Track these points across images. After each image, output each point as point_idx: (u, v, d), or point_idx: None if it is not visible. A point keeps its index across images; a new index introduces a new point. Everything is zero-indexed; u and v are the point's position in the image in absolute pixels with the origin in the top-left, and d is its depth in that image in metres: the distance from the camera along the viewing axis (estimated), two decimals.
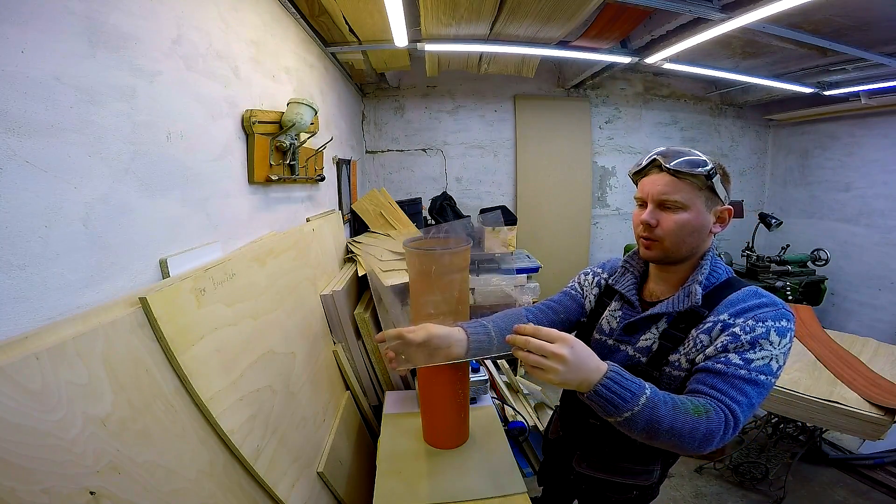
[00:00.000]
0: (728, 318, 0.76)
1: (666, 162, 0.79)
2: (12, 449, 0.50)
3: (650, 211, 0.82)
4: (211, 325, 0.91)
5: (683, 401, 0.68)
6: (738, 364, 0.70)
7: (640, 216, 0.84)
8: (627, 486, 0.95)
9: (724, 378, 0.70)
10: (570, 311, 1.05)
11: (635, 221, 0.86)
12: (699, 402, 0.68)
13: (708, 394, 0.70)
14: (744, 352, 0.71)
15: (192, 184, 0.99)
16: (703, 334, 0.78)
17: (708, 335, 0.77)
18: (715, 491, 2.06)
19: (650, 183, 0.82)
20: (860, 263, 3.31)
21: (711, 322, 0.77)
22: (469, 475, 1.14)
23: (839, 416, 1.60)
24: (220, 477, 0.86)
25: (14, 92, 0.57)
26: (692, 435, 0.66)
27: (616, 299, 0.96)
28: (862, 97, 2.95)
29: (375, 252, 1.93)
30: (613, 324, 0.93)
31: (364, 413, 1.75)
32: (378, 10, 1.72)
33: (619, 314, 0.93)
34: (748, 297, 0.78)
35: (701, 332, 0.78)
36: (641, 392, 0.67)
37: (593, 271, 1.07)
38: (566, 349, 0.66)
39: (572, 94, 3.65)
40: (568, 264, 3.68)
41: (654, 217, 0.81)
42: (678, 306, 0.82)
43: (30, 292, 0.60)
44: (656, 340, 0.84)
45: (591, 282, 1.05)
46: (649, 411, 0.66)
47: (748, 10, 1.67)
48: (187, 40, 0.96)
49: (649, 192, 0.82)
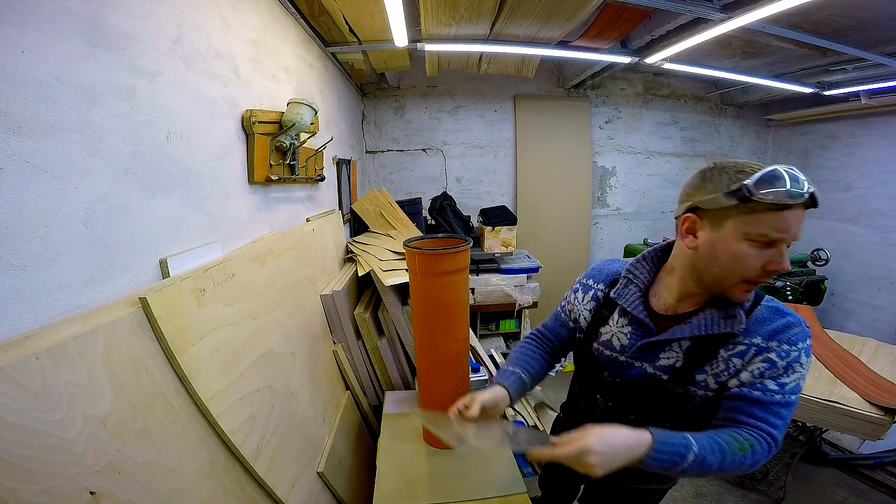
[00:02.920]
0: (762, 343, 0.73)
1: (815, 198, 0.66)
2: (12, 449, 0.50)
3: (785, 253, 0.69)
4: (211, 325, 0.91)
5: (728, 440, 0.70)
6: (774, 390, 0.72)
7: (762, 257, 0.68)
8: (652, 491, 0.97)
9: (763, 406, 0.72)
10: (563, 339, 1.03)
11: (751, 262, 0.69)
12: (742, 436, 0.70)
13: (747, 423, 0.72)
14: (779, 377, 0.72)
15: (192, 184, 0.99)
16: (735, 357, 0.74)
17: (741, 359, 0.74)
18: (715, 491, 2.06)
19: (796, 220, 0.67)
20: (860, 263, 3.31)
21: (744, 346, 0.74)
22: (469, 475, 1.14)
23: (839, 416, 1.60)
24: (220, 477, 0.87)
25: (14, 92, 0.57)
26: (740, 468, 0.70)
27: (621, 313, 0.88)
28: (862, 97, 2.95)
29: (376, 252, 1.93)
30: (624, 341, 0.86)
31: (364, 413, 1.75)
32: (378, 10, 1.72)
33: (629, 330, 0.85)
34: (774, 316, 0.74)
35: (733, 356, 0.74)
36: (689, 451, 0.68)
37: (584, 285, 0.98)
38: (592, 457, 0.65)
39: (572, 94, 3.65)
40: (568, 264, 3.69)
41: None
42: (711, 328, 0.75)
43: (30, 292, 0.60)
44: (680, 359, 0.79)
45: (583, 298, 0.97)
46: (698, 464, 0.68)
47: (748, 10, 1.67)
48: (187, 40, 0.96)
49: (795, 232, 0.67)
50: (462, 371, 1.25)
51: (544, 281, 3.20)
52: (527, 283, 2.94)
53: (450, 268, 1.12)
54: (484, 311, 2.99)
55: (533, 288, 2.93)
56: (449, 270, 1.12)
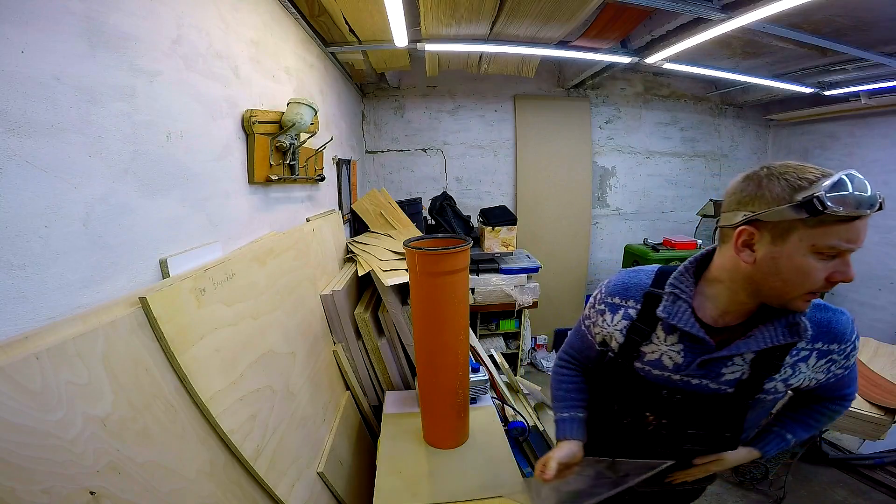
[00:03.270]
0: (823, 346, 0.76)
1: None
2: (12, 449, 0.50)
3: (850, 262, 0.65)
4: (211, 325, 0.91)
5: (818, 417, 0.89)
6: (841, 373, 0.81)
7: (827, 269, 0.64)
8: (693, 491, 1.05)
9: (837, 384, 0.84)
10: (592, 360, 0.99)
11: (817, 276, 0.64)
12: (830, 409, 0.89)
13: (830, 398, 0.87)
14: (844, 363, 0.80)
15: (192, 184, 0.99)
16: (801, 363, 0.77)
17: (806, 363, 0.77)
18: (715, 491, 2.06)
19: (865, 228, 0.62)
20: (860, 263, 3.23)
21: (807, 351, 0.76)
22: (469, 475, 1.14)
23: None
24: (220, 477, 0.87)
25: (14, 92, 0.57)
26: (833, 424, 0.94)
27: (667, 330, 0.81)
28: (862, 97, 2.95)
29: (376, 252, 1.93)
30: (678, 360, 0.80)
31: (364, 413, 1.75)
32: (378, 10, 1.72)
33: (681, 348, 0.79)
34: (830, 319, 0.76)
35: (799, 361, 0.77)
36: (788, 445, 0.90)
37: (610, 304, 0.89)
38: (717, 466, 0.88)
39: (572, 94, 3.65)
40: (568, 264, 3.69)
41: None
42: (778, 339, 0.72)
43: (30, 292, 0.60)
44: (746, 371, 0.76)
45: (613, 319, 0.88)
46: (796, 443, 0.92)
47: (748, 10, 1.67)
48: (187, 40, 0.96)
49: (863, 239, 0.63)
50: (462, 371, 1.25)
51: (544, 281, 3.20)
52: (527, 283, 2.94)
53: (450, 268, 1.12)
54: (484, 311, 2.99)
55: (533, 288, 2.93)
56: (449, 270, 1.12)
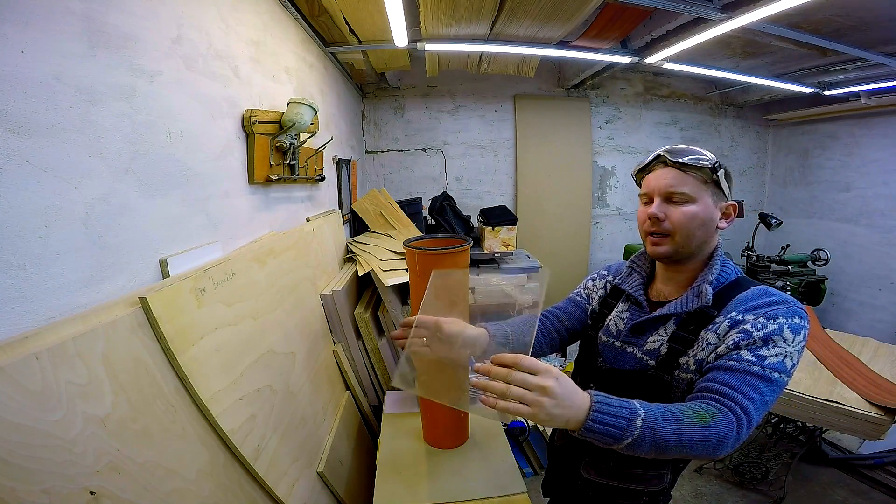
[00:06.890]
0: (737, 315, 0.73)
1: (671, 157, 0.82)
2: (12, 449, 0.50)
3: (658, 204, 0.81)
4: (211, 325, 0.91)
5: (685, 410, 0.64)
6: (750, 361, 0.67)
7: (646, 212, 0.83)
8: (637, 493, 0.94)
9: (736, 374, 0.66)
10: (574, 319, 1.04)
11: (641, 218, 0.85)
12: (703, 407, 0.64)
13: (719, 391, 0.66)
14: (756, 349, 0.68)
15: (192, 184, 0.99)
16: (710, 333, 0.76)
17: (715, 333, 0.75)
18: (715, 491, 2.06)
19: (655, 178, 0.83)
20: (860, 263, 3.31)
21: (722, 320, 0.75)
22: (469, 475, 1.14)
23: (839, 416, 1.60)
24: (220, 477, 0.87)
25: (14, 92, 0.57)
26: (704, 443, 0.62)
27: (623, 300, 0.95)
28: (862, 97, 2.95)
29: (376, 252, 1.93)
30: (621, 325, 0.91)
31: (364, 413, 1.75)
32: (378, 10, 1.72)
33: (627, 315, 0.91)
34: (758, 296, 0.75)
35: (709, 332, 0.76)
36: (635, 416, 0.61)
37: (599, 274, 1.06)
38: (552, 381, 0.59)
39: (572, 93, 3.65)
40: (568, 264, 3.68)
41: (662, 210, 0.81)
42: (687, 306, 0.80)
43: (30, 292, 0.60)
44: (665, 343, 0.82)
45: (598, 285, 1.04)
46: (650, 433, 0.61)
47: (748, 10, 1.67)
48: (187, 40, 0.96)
49: (655, 186, 0.82)
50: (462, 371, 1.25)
51: None
52: (527, 283, 2.94)
53: (450, 268, 1.12)
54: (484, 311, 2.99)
55: (533, 288, 2.93)
56: None
